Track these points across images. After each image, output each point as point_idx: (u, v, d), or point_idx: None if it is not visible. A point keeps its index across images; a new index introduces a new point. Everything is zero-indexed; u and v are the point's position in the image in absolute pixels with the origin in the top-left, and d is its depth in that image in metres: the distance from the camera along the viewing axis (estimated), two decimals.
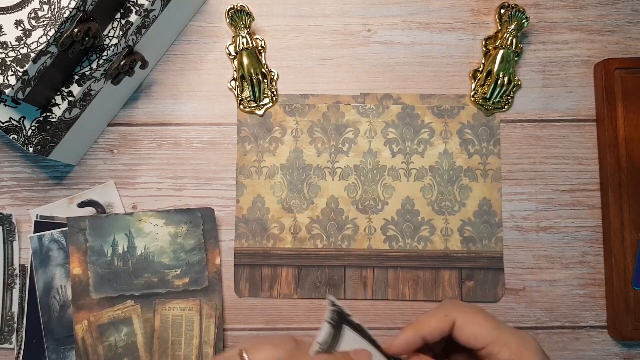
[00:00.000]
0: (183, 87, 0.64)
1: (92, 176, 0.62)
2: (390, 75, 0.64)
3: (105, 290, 0.59)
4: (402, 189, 0.62)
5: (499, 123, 0.63)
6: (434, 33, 0.64)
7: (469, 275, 0.61)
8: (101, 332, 0.58)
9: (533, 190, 0.62)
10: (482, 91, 0.63)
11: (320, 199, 0.62)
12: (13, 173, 0.62)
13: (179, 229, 0.60)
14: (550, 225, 0.62)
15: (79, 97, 0.54)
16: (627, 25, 0.64)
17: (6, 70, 0.46)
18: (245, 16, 0.61)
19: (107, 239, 0.59)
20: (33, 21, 0.47)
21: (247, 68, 0.62)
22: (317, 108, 0.63)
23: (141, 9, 0.55)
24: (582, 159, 0.63)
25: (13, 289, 0.60)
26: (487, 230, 0.62)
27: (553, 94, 0.63)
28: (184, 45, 0.64)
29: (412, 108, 0.63)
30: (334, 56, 0.64)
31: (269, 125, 0.63)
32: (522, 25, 0.61)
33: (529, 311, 0.61)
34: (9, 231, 0.61)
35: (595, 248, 0.62)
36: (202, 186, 0.62)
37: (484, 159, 0.62)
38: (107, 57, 0.54)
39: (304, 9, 0.64)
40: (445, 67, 0.64)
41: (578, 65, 0.64)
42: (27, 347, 0.59)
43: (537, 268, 0.61)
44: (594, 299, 0.61)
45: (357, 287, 0.61)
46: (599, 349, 0.61)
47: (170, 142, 0.63)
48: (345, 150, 0.63)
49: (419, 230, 0.62)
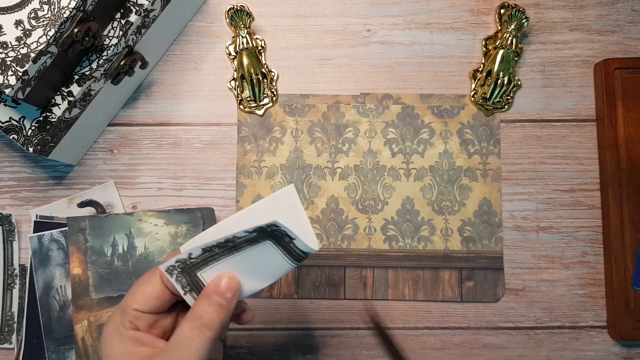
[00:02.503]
0: (183, 87, 0.64)
1: (92, 176, 0.62)
2: (390, 75, 0.64)
3: (105, 290, 0.59)
4: (402, 189, 0.62)
5: (499, 123, 0.63)
6: (434, 33, 0.64)
7: (469, 275, 0.61)
8: (101, 332, 0.58)
9: (533, 190, 0.62)
10: (482, 91, 0.63)
11: (320, 199, 0.62)
12: (13, 173, 0.62)
13: (179, 229, 0.60)
14: (550, 225, 0.62)
15: (79, 97, 0.54)
16: (627, 25, 0.64)
17: (6, 70, 0.46)
18: (245, 16, 0.61)
19: (107, 239, 0.59)
20: (33, 21, 0.47)
21: (247, 68, 0.62)
22: (317, 108, 0.63)
23: (141, 9, 0.55)
24: (582, 159, 0.63)
25: (13, 289, 0.60)
26: (487, 230, 0.62)
27: (553, 94, 0.63)
28: (184, 45, 0.64)
29: (412, 108, 0.63)
30: (334, 56, 0.64)
31: (269, 125, 0.63)
32: (522, 25, 0.61)
33: (529, 311, 0.61)
34: (9, 231, 0.61)
35: (595, 248, 0.62)
36: (202, 186, 0.62)
37: (484, 159, 0.62)
38: (107, 57, 0.54)
39: (304, 9, 0.64)
40: (445, 67, 0.64)
41: (578, 65, 0.64)
42: (27, 347, 0.59)
43: (537, 268, 0.61)
44: (594, 299, 0.61)
45: (357, 287, 0.61)
46: (599, 349, 0.61)
47: (170, 142, 0.63)
48: (345, 150, 0.63)
49: (419, 230, 0.62)
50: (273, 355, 0.61)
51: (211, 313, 0.37)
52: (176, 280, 0.38)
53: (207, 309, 0.37)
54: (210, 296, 0.37)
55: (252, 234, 0.37)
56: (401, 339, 0.61)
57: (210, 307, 0.37)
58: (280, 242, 0.38)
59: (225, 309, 0.38)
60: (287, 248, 0.38)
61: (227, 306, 0.38)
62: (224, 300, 0.37)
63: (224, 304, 0.37)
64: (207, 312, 0.37)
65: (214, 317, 0.37)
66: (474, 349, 0.61)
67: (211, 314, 0.37)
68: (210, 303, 0.37)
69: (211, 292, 0.37)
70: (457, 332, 0.61)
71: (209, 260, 0.38)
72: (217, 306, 0.37)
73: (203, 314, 0.37)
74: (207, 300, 0.37)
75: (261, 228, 0.36)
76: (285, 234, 0.37)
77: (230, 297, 0.38)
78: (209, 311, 0.37)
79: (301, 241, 0.37)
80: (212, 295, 0.37)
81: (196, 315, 0.37)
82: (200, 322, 0.37)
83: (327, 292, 0.61)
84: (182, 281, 0.38)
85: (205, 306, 0.37)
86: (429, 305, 0.61)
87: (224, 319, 0.38)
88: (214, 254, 0.38)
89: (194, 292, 0.39)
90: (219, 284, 0.38)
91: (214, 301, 0.37)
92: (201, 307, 0.37)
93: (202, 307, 0.37)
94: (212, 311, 0.37)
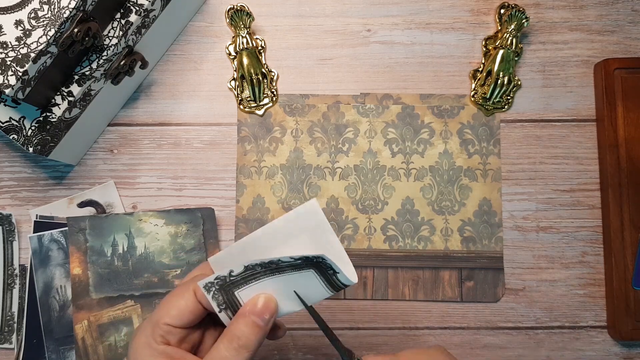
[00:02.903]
0: (183, 87, 0.64)
1: (92, 176, 0.62)
2: (390, 75, 0.64)
3: (105, 290, 0.59)
4: (402, 189, 0.62)
5: (499, 123, 0.63)
6: (434, 33, 0.64)
7: (469, 275, 0.61)
8: (101, 332, 0.58)
9: (533, 190, 0.62)
10: (482, 91, 0.63)
11: (320, 199, 0.62)
12: (13, 173, 0.62)
13: (179, 229, 0.60)
14: (550, 225, 0.62)
15: (79, 97, 0.54)
16: (627, 25, 0.64)
17: (6, 70, 0.46)
18: (245, 16, 0.61)
19: (107, 239, 0.59)
20: (33, 21, 0.47)
21: (247, 68, 0.62)
22: (317, 108, 0.63)
23: (141, 9, 0.55)
24: (582, 159, 0.63)
25: (13, 289, 0.60)
26: (487, 230, 0.62)
27: (553, 94, 0.63)
28: (184, 45, 0.64)
29: (412, 108, 0.63)
30: (334, 56, 0.64)
31: (269, 125, 0.63)
32: (522, 25, 0.61)
33: (529, 311, 0.61)
34: (9, 231, 0.61)
35: (595, 248, 0.62)
36: (202, 186, 0.62)
37: (484, 159, 0.62)
38: (107, 57, 0.54)
39: (304, 9, 0.64)
40: (445, 67, 0.64)
41: (578, 65, 0.64)
42: (27, 347, 0.59)
43: (537, 268, 0.61)
44: (594, 299, 0.61)
45: (357, 287, 0.61)
46: (599, 349, 0.61)
47: (170, 142, 0.63)
48: (345, 150, 0.63)
49: (419, 230, 0.62)
50: (273, 355, 0.61)
51: (249, 334, 0.37)
52: (213, 298, 0.38)
53: (244, 329, 0.37)
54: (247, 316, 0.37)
55: (297, 261, 0.37)
56: (401, 339, 0.61)
57: (247, 327, 0.37)
58: (324, 273, 0.38)
59: (263, 329, 0.37)
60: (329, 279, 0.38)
61: (264, 327, 0.37)
62: (261, 322, 0.37)
63: (261, 325, 0.37)
64: (244, 332, 0.37)
65: (251, 337, 0.37)
66: (474, 349, 0.61)
67: (249, 335, 0.37)
68: (247, 323, 0.37)
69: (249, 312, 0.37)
70: (457, 332, 0.61)
71: (249, 279, 0.38)
72: (254, 327, 0.37)
73: (240, 335, 0.37)
74: (244, 320, 0.37)
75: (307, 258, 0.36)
76: (330, 267, 0.37)
77: (268, 318, 0.38)
78: (246, 332, 0.37)
79: (344, 275, 0.37)
80: (250, 316, 0.37)
81: (233, 335, 0.37)
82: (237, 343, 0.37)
83: None
84: (218, 299, 0.38)
85: (242, 326, 0.37)
86: (429, 305, 0.61)
87: (261, 339, 0.38)
88: (255, 273, 0.38)
89: (229, 311, 0.38)
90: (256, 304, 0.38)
91: (251, 321, 0.37)
92: (238, 327, 0.37)
93: (239, 328, 0.37)
94: (249, 332, 0.37)
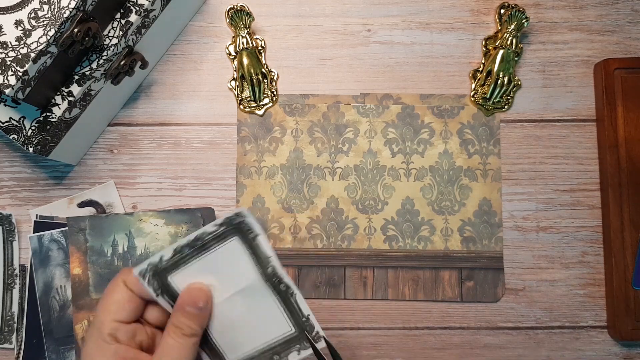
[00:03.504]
0: (183, 87, 0.64)
1: (92, 176, 0.62)
2: (390, 75, 0.64)
3: None
4: (402, 189, 0.62)
5: (499, 123, 0.63)
6: (434, 33, 0.64)
7: (469, 275, 0.61)
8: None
9: (533, 190, 0.62)
10: (482, 91, 0.63)
11: (320, 199, 0.62)
12: (13, 173, 0.62)
13: (179, 229, 0.60)
14: (550, 225, 0.62)
15: (79, 97, 0.54)
16: (627, 25, 0.64)
17: (6, 70, 0.46)
18: (245, 16, 0.61)
19: (107, 239, 0.59)
20: (33, 21, 0.47)
21: (247, 68, 0.62)
22: (317, 108, 0.63)
23: (141, 9, 0.55)
24: (582, 159, 0.63)
25: (13, 289, 0.60)
26: (487, 230, 0.62)
27: (553, 94, 0.63)
28: (184, 45, 0.64)
29: (412, 108, 0.63)
30: (334, 56, 0.64)
31: (269, 125, 0.63)
32: (522, 25, 0.61)
33: (529, 311, 0.61)
34: (9, 231, 0.61)
35: (595, 248, 0.62)
36: (202, 186, 0.62)
37: (484, 159, 0.62)
38: (107, 57, 0.54)
39: (304, 9, 0.64)
40: (445, 67, 0.64)
41: (578, 65, 0.64)
42: (27, 347, 0.59)
43: (537, 268, 0.61)
44: (594, 299, 0.61)
45: (357, 287, 0.61)
46: (599, 349, 0.61)
47: (170, 142, 0.63)
48: (345, 150, 0.63)
49: (419, 230, 0.62)
50: None
51: (189, 323, 0.39)
52: (148, 284, 0.40)
53: (184, 320, 0.39)
54: (183, 308, 0.40)
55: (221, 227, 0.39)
56: (401, 339, 0.61)
57: (186, 318, 0.39)
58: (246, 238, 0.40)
59: (201, 315, 0.40)
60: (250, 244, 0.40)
61: (201, 313, 0.40)
62: (197, 310, 0.40)
63: (197, 313, 0.40)
64: (184, 323, 0.39)
65: (192, 325, 0.39)
66: (474, 349, 0.61)
67: (189, 324, 0.39)
68: (185, 314, 0.39)
69: (184, 304, 0.40)
70: (457, 332, 0.61)
71: (180, 263, 0.40)
72: (192, 316, 0.39)
73: (181, 325, 0.39)
74: (181, 312, 0.39)
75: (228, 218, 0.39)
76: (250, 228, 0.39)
77: (203, 304, 0.40)
78: (186, 322, 0.39)
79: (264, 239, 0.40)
80: (185, 307, 0.40)
81: (176, 327, 0.39)
82: (181, 332, 0.39)
83: (327, 292, 0.61)
84: (153, 284, 0.40)
85: (181, 318, 0.39)
86: (429, 305, 0.61)
87: (203, 323, 0.40)
88: (184, 256, 0.40)
89: (165, 295, 0.41)
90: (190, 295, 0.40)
91: (188, 312, 0.39)
92: (178, 319, 0.39)
93: (179, 320, 0.39)
94: (189, 321, 0.39)
